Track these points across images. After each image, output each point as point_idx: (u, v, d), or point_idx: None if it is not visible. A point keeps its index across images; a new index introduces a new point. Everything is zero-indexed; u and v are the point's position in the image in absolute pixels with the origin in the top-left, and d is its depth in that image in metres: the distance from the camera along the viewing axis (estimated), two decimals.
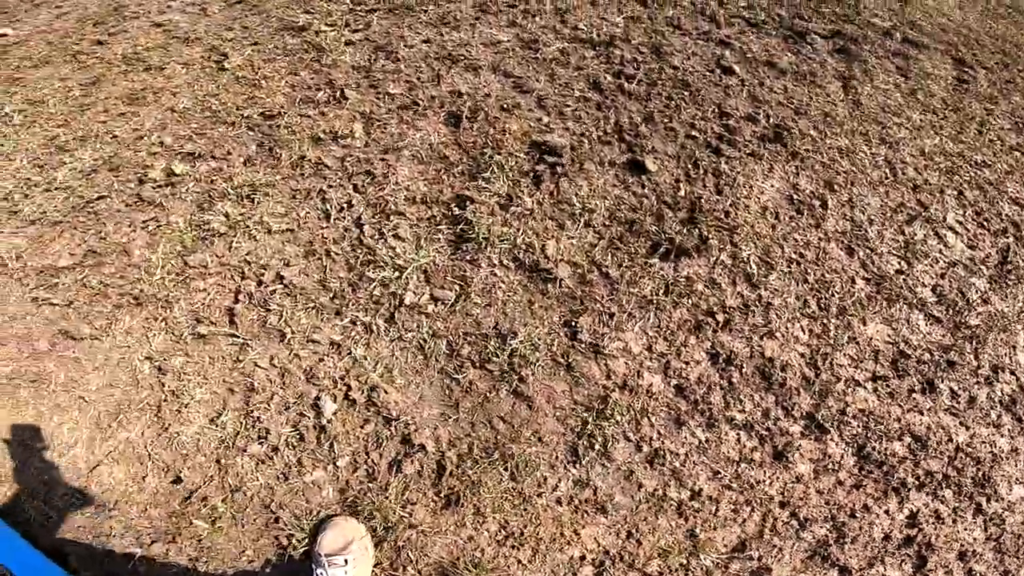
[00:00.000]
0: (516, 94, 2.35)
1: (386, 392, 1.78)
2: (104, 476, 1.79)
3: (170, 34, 2.76)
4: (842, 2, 3.20)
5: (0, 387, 1.89)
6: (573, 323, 1.89)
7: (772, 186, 2.24)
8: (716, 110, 2.38)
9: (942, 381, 1.94)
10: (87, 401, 1.87)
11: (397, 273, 1.91)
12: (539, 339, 1.86)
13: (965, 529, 1.79)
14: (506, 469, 1.72)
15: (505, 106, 2.29)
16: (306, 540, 1.68)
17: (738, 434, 1.81)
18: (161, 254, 2.02)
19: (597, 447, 1.75)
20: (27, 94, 2.58)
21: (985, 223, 2.32)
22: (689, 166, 2.20)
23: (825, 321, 2.02)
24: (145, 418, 1.84)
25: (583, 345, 1.87)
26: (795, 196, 2.24)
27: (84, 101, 2.53)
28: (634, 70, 2.46)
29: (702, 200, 2.12)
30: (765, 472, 1.78)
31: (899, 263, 2.17)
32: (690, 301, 1.97)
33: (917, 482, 1.80)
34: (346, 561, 1.53)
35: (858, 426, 1.85)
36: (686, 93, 2.42)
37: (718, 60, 2.59)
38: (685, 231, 2.06)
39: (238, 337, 1.88)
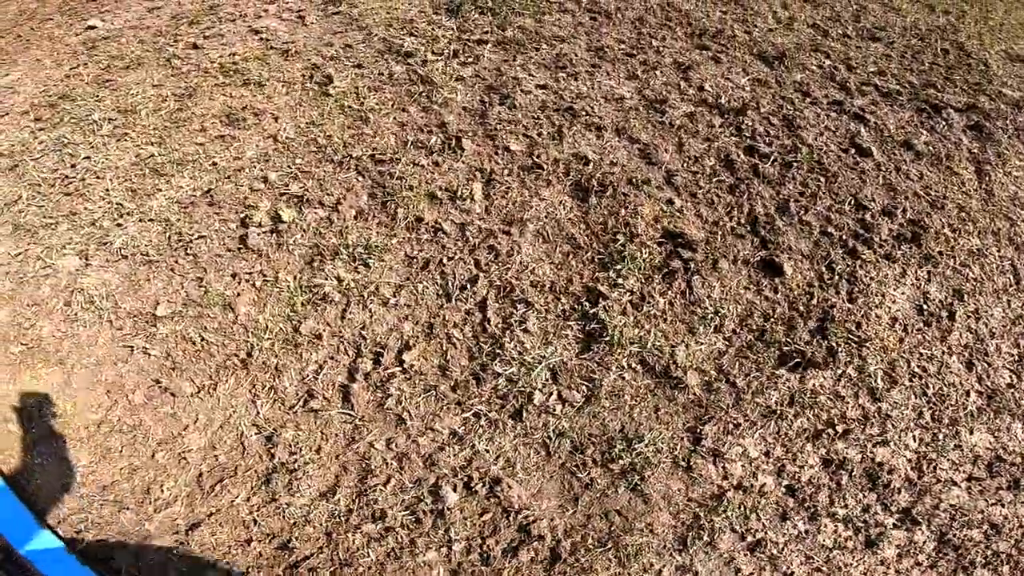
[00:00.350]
0: (644, 166, 2.20)
1: (509, 487, 1.73)
2: (205, 536, 1.76)
3: (268, 44, 2.57)
4: (973, 69, 3.00)
5: (89, 434, 1.84)
6: (698, 430, 1.84)
7: (903, 294, 2.13)
8: (852, 201, 2.24)
9: None
10: (188, 461, 1.83)
11: (525, 370, 1.82)
12: (663, 443, 1.81)
13: None
14: (616, 557, 1.71)
15: (634, 180, 2.15)
16: None
17: (836, 526, 1.82)
18: (269, 315, 1.93)
19: (705, 537, 1.75)
20: (117, 100, 2.42)
21: None
22: (823, 269, 2.08)
23: (936, 431, 2.00)
24: (251, 484, 1.80)
25: (704, 449, 1.83)
26: (925, 307, 2.14)
27: (179, 115, 2.38)
28: (767, 146, 2.30)
29: (834, 309, 2.02)
30: (854, 557, 1.80)
31: (1011, 376, 2.13)
32: (812, 412, 1.93)
33: (984, 560, 1.84)
34: None
35: (946, 517, 1.87)
36: (822, 179, 2.27)
37: (852, 138, 2.43)
38: (815, 342, 1.97)
39: (353, 417, 1.82)
